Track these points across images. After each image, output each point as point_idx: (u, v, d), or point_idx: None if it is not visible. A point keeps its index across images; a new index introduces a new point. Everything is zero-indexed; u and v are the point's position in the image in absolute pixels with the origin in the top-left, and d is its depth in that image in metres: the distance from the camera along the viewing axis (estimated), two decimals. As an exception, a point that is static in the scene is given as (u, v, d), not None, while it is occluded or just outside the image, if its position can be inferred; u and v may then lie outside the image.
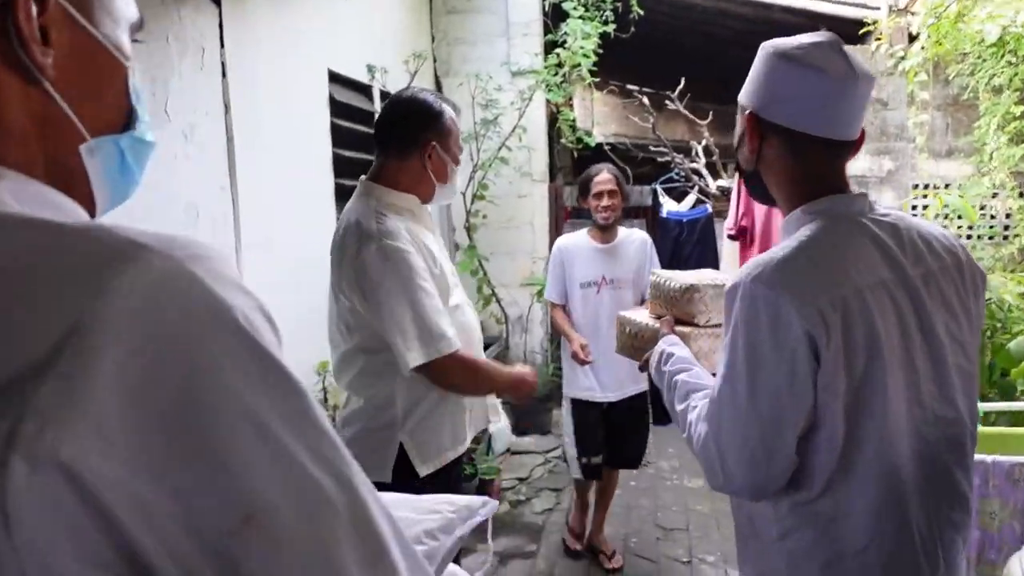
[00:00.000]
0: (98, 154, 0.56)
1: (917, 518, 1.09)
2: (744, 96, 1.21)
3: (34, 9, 0.49)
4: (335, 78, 3.70)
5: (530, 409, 5.02)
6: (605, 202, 3.04)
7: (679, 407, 1.27)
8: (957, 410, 1.14)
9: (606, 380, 3.17)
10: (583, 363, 3.03)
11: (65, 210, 0.53)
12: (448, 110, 1.83)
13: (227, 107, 2.76)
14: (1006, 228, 4.77)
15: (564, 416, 3.44)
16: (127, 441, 0.40)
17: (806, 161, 1.15)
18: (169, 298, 0.43)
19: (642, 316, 1.60)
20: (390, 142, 1.82)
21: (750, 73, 1.20)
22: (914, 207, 4.90)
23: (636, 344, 1.57)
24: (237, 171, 2.80)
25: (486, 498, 1.07)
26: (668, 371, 1.35)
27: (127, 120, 0.59)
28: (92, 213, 0.58)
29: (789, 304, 1.02)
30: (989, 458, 2.03)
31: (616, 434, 3.28)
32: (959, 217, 4.30)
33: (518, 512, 3.94)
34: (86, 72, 0.55)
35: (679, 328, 1.50)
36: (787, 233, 1.16)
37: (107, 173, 0.58)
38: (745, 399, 1.07)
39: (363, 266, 1.64)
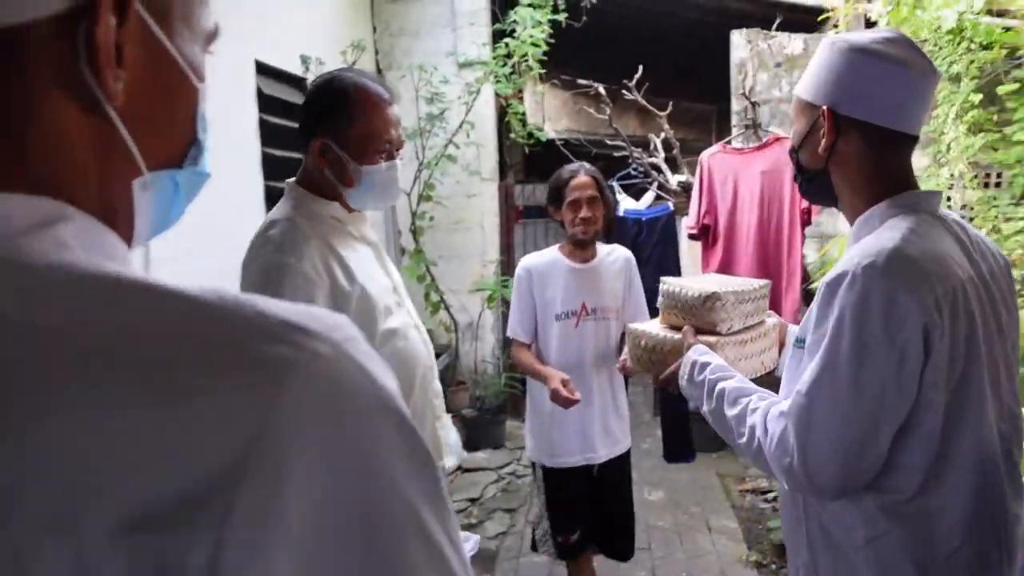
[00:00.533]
0: (152, 188, 0.48)
1: (1001, 514, 1.11)
2: (812, 92, 1.18)
3: (112, 20, 0.41)
4: (264, 70, 3.36)
5: (481, 422, 4.76)
6: (584, 213, 2.32)
7: (731, 412, 1.22)
8: (1020, 404, 1.18)
9: (594, 436, 2.44)
10: (569, 403, 2.22)
11: (120, 256, 0.46)
12: (359, 95, 1.47)
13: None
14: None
15: (535, 486, 2.64)
16: (320, 565, 0.36)
17: (884, 157, 1.15)
18: (344, 394, 0.39)
19: (655, 328, 1.52)
20: (299, 138, 1.55)
21: (815, 69, 1.19)
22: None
23: (655, 358, 1.48)
24: (141, 172, 2.46)
25: (467, 534, 0.92)
26: (708, 379, 1.31)
27: (187, 151, 0.51)
28: (130, 242, 0.49)
29: (907, 294, 1.01)
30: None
31: (602, 502, 2.56)
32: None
33: (471, 536, 3.67)
34: (156, 97, 0.47)
35: (702, 337, 1.41)
36: (869, 228, 1.15)
37: (156, 208, 0.50)
38: (847, 391, 1.04)
39: (243, 280, 1.42)
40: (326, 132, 1.48)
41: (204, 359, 0.37)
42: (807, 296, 3.31)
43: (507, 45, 4.44)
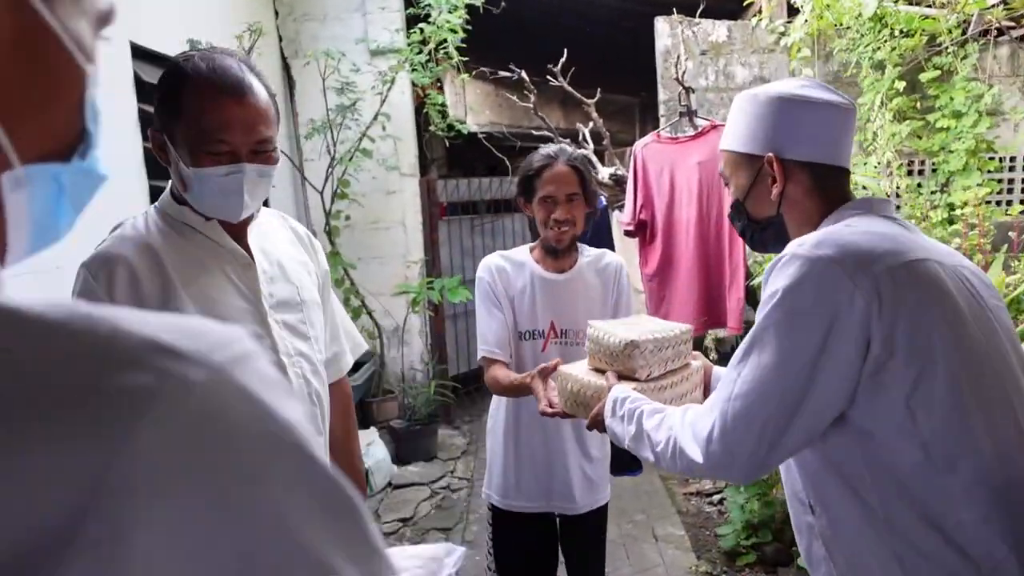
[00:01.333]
0: (28, 187, 0.40)
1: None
2: (750, 144, 1.22)
3: None
4: (141, 54, 2.95)
5: (412, 433, 4.46)
6: (559, 214, 1.84)
7: (648, 424, 1.23)
8: None
9: (559, 483, 1.97)
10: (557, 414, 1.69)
11: None
12: (194, 84, 1.18)
13: None
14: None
15: (485, 528, 2.16)
16: None
17: (830, 193, 1.19)
18: (219, 431, 0.34)
19: (581, 370, 1.52)
20: None
21: (745, 121, 1.23)
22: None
23: (579, 401, 1.49)
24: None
25: (450, 545, 0.95)
26: (628, 408, 1.30)
27: (74, 144, 0.43)
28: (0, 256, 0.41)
29: (840, 266, 1.00)
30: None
31: (566, 560, 2.12)
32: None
33: (404, 563, 3.38)
34: (30, 74, 0.39)
35: (623, 383, 1.42)
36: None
37: (33, 213, 0.41)
38: (771, 362, 1.03)
39: None
40: (162, 124, 1.21)
41: (45, 396, 0.32)
42: (750, 294, 3.16)
43: (422, 31, 4.14)
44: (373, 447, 4.08)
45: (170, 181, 1.31)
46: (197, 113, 1.17)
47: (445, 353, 5.16)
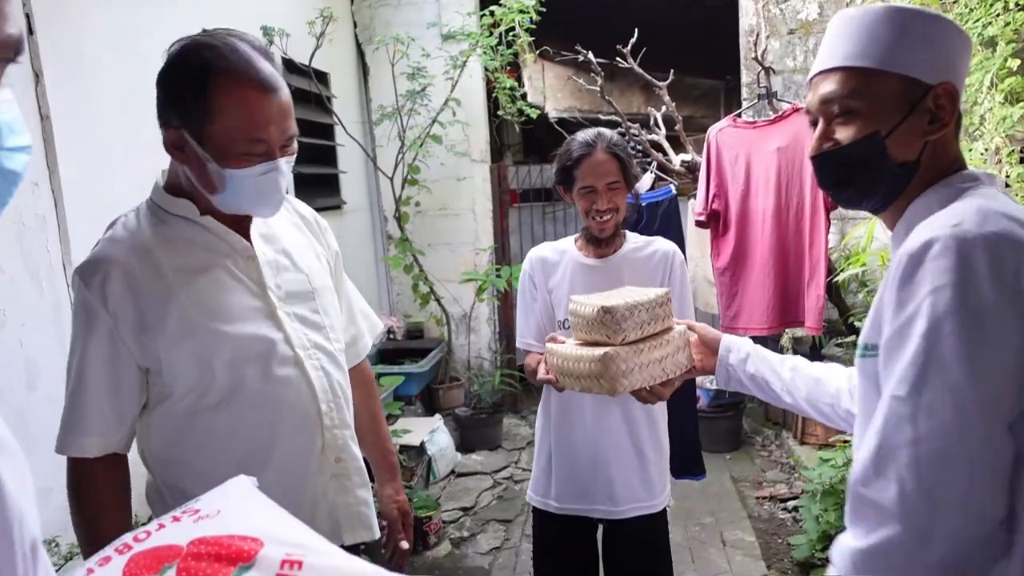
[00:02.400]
0: None
1: None
2: (917, 66, 0.98)
3: None
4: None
5: (476, 421, 4.44)
6: (601, 204, 1.77)
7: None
8: None
9: (599, 484, 1.85)
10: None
11: None
12: (223, 80, 1.10)
13: (38, 76, 2.08)
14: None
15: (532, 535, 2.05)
16: None
17: (955, 135, 1.02)
18: None
19: (569, 347, 1.54)
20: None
21: (899, 37, 0.98)
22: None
23: (565, 371, 1.53)
24: (59, 161, 2.13)
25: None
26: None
27: None
28: None
29: (1017, 248, 0.83)
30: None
31: (616, 571, 1.96)
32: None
33: (460, 553, 3.36)
34: None
35: (596, 351, 1.43)
36: (927, 211, 0.95)
37: None
38: (965, 385, 0.80)
39: None
40: (182, 122, 1.13)
41: None
42: (832, 292, 2.94)
43: (492, 13, 4.05)
44: (437, 434, 4.08)
45: (162, 172, 1.27)
46: (233, 113, 1.10)
47: (512, 342, 5.10)
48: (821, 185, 1.09)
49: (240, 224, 1.24)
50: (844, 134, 1.01)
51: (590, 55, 3.49)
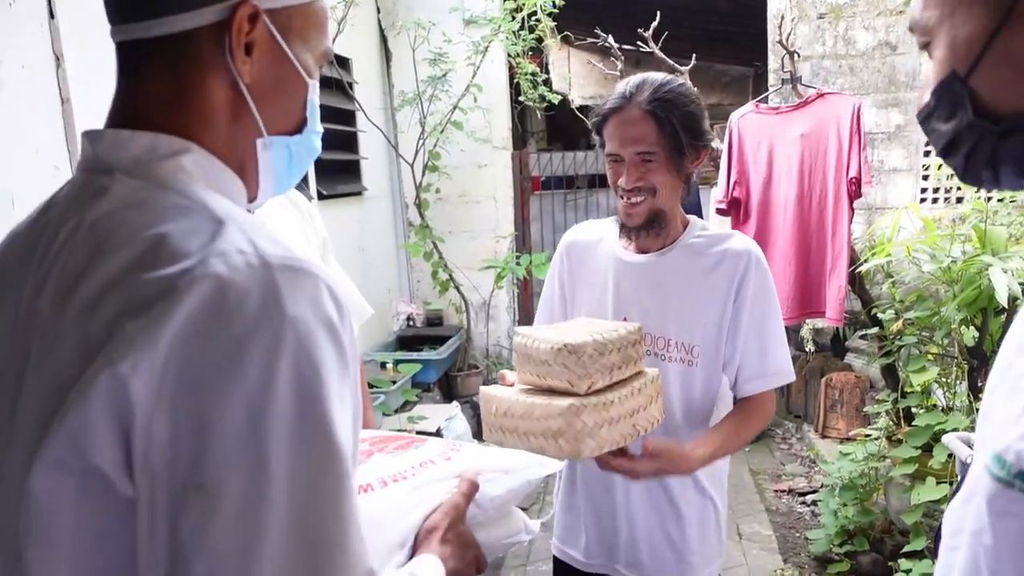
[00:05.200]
0: (270, 150, 0.68)
1: None
2: None
3: (246, 27, 0.63)
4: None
5: (496, 409, 4.43)
6: (627, 180, 1.32)
7: None
8: None
9: (625, 540, 1.44)
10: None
11: (232, 188, 0.66)
12: None
13: (58, 59, 2.10)
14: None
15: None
16: (166, 381, 0.51)
17: None
18: (237, 295, 0.53)
19: (510, 391, 1.23)
20: None
21: None
22: (926, 167, 4.29)
23: (506, 427, 1.20)
24: (79, 144, 2.15)
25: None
26: None
27: (300, 127, 0.71)
28: (254, 195, 0.70)
29: None
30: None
31: None
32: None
33: (476, 539, 3.37)
34: (275, 83, 0.67)
35: (555, 402, 1.12)
36: None
37: (274, 166, 0.70)
38: None
39: None
40: None
41: (176, 239, 0.56)
42: (855, 283, 2.87)
43: (516, -2, 4.02)
44: (454, 421, 4.08)
45: None
46: None
47: (533, 330, 5.09)
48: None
49: None
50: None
51: (610, 39, 3.44)
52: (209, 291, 0.52)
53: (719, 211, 3.09)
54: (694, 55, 3.49)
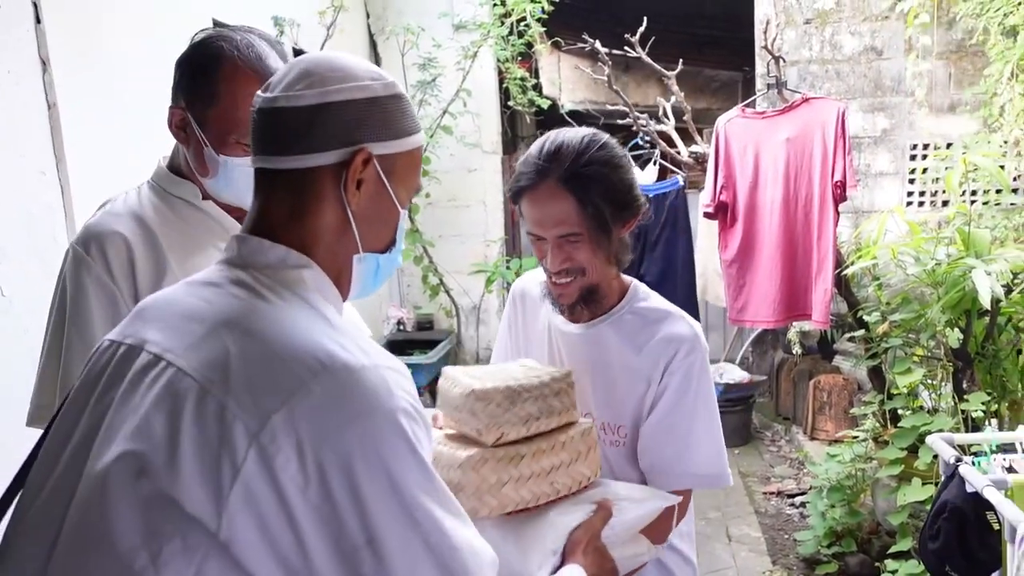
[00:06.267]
0: (364, 263, 0.84)
1: None
2: None
3: (360, 168, 0.78)
4: (223, 32, 3.01)
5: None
6: (553, 263, 1.19)
7: None
8: None
9: None
10: None
11: (333, 296, 0.82)
12: (232, 68, 1.15)
13: (44, 64, 2.09)
14: (1014, 192, 4.21)
15: None
16: (312, 468, 0.66)
17: None
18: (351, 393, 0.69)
19: (435, 433, 1.12)
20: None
21: None
22: (912, 171, 4.33)
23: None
24: (66, 150, 2.15)
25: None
26: None
27: (389, 247, 0.86)
28: (344, 297, 0.85)
29: None
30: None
31: None
32: (973, 180, 3.72)
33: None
34: (375, 211, 0.82)
35: (458, 452, 1.04)
36: None
37: (363, 277, 0.85)
38: None
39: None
40: (188, 103, 1.17)
41: (291, 353, 0.72)
42: (840, 285, 2.90)
43: (504, 3, 4.03)
44: (445, 425, 4.09)
45: (164, 155, 1.30)
46: (236, 101, 1.14)
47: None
48: None
49: (238, 217, 1.27)
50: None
51: (597, 44, 3.46)
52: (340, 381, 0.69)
53: (706, 215, 3.11)
54: (681, 60, 3.51)
